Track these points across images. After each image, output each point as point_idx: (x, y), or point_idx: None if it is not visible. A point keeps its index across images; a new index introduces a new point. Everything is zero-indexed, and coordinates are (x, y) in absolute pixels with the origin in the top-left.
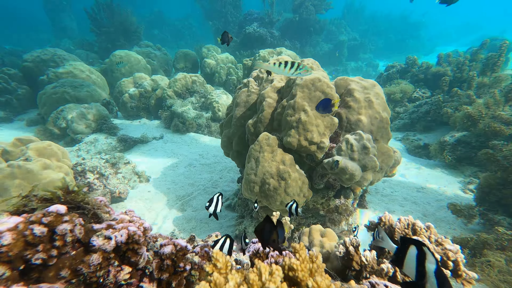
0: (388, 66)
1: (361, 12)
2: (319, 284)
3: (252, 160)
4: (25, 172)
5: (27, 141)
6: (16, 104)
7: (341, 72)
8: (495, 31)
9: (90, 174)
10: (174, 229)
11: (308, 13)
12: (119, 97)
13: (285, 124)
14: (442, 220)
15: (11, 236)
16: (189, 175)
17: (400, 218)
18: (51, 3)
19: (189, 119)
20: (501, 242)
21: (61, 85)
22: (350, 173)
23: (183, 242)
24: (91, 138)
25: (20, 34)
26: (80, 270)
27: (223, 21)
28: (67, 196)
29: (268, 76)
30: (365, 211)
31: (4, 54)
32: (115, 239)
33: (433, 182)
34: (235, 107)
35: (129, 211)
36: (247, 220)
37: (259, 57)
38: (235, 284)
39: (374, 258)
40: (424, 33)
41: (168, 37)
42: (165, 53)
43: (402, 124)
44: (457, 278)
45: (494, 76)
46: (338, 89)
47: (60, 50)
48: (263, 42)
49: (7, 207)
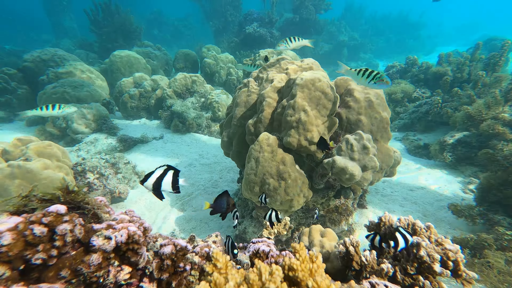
0: (388, 66)
1: (361, 12)
2: (319, 284)
3: (252, 160)
4: (25, 172)
5: (27, 141)
6: (16, 104)
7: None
8: (495, 31)
9: (90, 174)
10: (174, 229)
11: (308, 13)
12: (119, 97)
13: (285, 124)
14: (442, 220)
15: (11, 236)
16: (189, 175)
17: (400, 218)
18: (51, 3)
19: (189, 119)
20: (501, 242)
21: (61, 85)
22: (350, 173)
23: (183, 242)
24: (91, 138)
25: (20, 34)
26: (80, 270)
27: (223, 21)
28: (67, 196)
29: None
30: (365, 211)
31: (4, 54)
32: (115, 239)
33: (433, 182)
34: (235, 107)
35: (129, 211)
36: (247, 220)
37: (259, 57)
38: (235, 284)
39: (374, 258)
40: (424, 33)
41: (168, 37)
42: (165, 53)
43: (402, 124)
44: (457, 278)
45: (494, 76)
46: (338, 89)
47: (60, 50)
48: (263, 42)
49: (7, 207)
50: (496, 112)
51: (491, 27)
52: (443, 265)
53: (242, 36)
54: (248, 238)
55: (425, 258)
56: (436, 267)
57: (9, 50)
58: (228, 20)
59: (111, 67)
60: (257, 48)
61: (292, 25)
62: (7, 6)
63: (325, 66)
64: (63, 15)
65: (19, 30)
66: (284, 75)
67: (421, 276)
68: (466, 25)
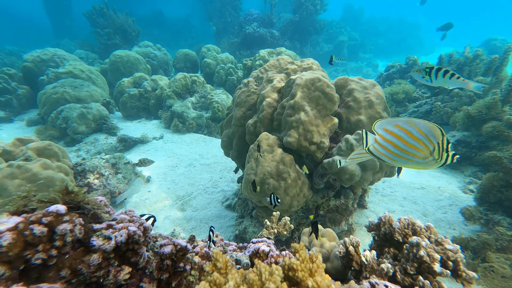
0: (388, 66)
1: (361, 12)
2: (319, 284)
3: (252, 160)
4: (25, 172)
5: (27, 141)
6: (16, 104)
7: (341, 72)
8: (495, 31)
9: (90, 174)
10: (174, 229)
11: (308, 13)
12: (119, 97)
13: (285, 124)
14: (442, 220)
15: (11, 236)
16: (189, 175)
17: (400, 218)
18: (51, 3)
19: (189, 119)
20: (502, 243)
21: (61, 85)
22: (350, 173)
23: (183, 242)
24: (91, 138)
25: (20, 34)
26: (80, 270)
27: (223, 21)
28: (67, 196)
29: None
30: (365, 211)
31: (4, 54)
32: (115, 239)
33: (433, 182)
34: (235, 107)
35: (129, 211)
36: (247, 220)
37: (259, 57)
38: (235, 284)
39: (374, 258)
40: (424, 33)
41: (168, 37)
42: (165, 53)
43: None
44: (457, 278)
45: (495, 77)
46: (338, 89)
47: (60, 50)
48: (263, 42)
49: (7, 207)
50: (497, 112)
51: (492, 27)
52: (443, 265)
53: (242, 36)
54: (248, 238)
55: (425, 258)
56: (436, 267)
57: (9, 50)
58: (228, 20)
59: (111, 67)
60: (257, 48)
61: (292, 25)
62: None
63: (325, 66)
64: (63, 15)
65: (19, 30)
66: (284, 75)
67: (421, 276)
68: (466, 25)
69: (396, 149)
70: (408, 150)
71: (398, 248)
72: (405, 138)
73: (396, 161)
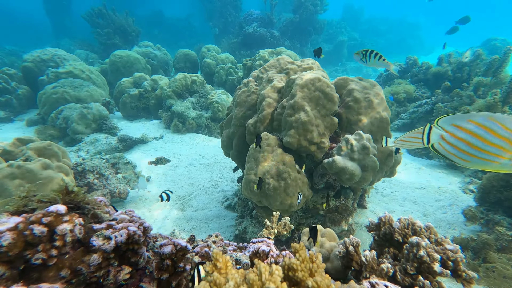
0: None
1: (360, 12)
2: (319, 284)
3: (251, 160)
4: (25, 172)
5: (27, 141)
6: (16, 104)
7: (341, 72)
8: (495, 31)
9: (90, 174)
10: (174, 229)
11: (308, 14)
12: (119, 97)
13: (285, 124)
14: (442, 220)
15: (11, 236)
16: (189, 175)
17: (400, 218)
18: (51, 3)
19: (189, 119)
20: (502, 243)
21: (61, 85)
22: (350, 173)
23: (183, 242)
24: (91, 138)
25: (20, 34)
26: (80, 270)
27: (223, 21)
28: (67, 196)
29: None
30: (365, 211)
31: (4, 54)
32: (115, 239)
33: (433, 182)
34: (235, 107)
35: (129, 211)
36: (247, 220)
37: (259, 57)
38: (235, 284)
39: (374, 258)
40: (424, 33)
41: (168, 37)
42: (165, 53)
43: (402, 124)
44: (457, 278)
45: (495, 78)
46: (338, 89)
47: (60, 50)
48: (263, 42)
49: (7, 207)
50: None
51: (491, 27)
52: (443, 265)
53: (242, 36)
54: (248, 238)
55: (425, 258)
56: (436, 267)
57: (9, 50)
58: (228, 20)
59: (111, 67)
60: (257, 48)
61: (292, 25)
62: (7, 6)
63: (325, 66)
64: (63, 15)
65: (19, 30)
66: (284, 75)
67: (421, 276)
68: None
69: (472, 148)
70: (490, 150)
71: (398, 248)
72: (486, 137)
73: (470, 161)
